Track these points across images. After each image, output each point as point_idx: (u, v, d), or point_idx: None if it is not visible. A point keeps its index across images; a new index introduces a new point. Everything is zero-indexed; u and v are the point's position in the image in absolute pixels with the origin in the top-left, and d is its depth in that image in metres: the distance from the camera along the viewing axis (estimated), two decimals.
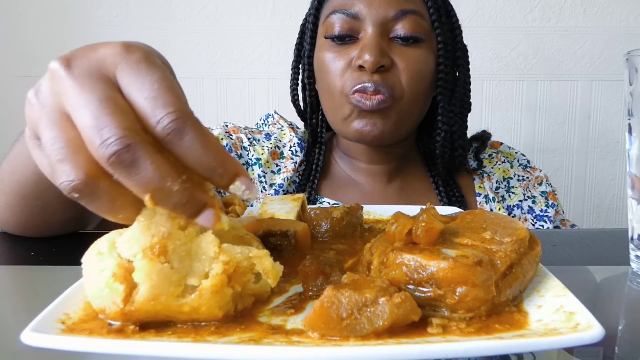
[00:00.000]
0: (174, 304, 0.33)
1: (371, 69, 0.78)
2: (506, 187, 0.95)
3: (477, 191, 0.94)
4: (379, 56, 0.77)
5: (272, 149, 0.94)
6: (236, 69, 1.61)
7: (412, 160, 0.96)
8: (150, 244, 0.33)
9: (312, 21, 0.90)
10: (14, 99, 1.71)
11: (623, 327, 0.39)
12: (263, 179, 0.92)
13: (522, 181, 0.95)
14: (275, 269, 0.36)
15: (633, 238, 0.49)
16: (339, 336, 0.31)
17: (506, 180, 0.95)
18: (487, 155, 0.99)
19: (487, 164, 0.97)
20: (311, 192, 0.90)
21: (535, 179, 0.96)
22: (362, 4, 0.81)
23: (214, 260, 0.34)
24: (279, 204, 0.55)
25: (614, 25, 1.53)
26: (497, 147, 1.01)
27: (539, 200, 0.93)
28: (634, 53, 0.47)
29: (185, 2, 1.61)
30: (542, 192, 0.94)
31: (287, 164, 0.94)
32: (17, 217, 0.63)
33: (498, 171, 0.96)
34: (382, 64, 0.78)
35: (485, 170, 0.96)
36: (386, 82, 0.79)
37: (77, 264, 0.35)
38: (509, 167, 0.97)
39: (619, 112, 1.57)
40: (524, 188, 0.95)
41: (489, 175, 0.95)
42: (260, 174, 0.92)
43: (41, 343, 0.30)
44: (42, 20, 1.66)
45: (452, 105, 0.89)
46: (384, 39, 0.80)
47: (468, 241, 0.37)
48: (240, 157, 0.93)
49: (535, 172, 0.97)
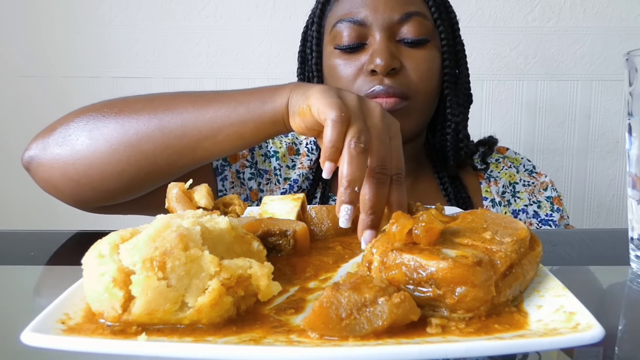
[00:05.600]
0: (172, 319, 0.33)
1: (383, 72, 0.80)
2: (512, 191, 0.97)
3: (484, 195, 0.95)
4: (389, 60, 0.80)
5: (289, 144, 0.97)
6: (236, 69, 1.61)
7: (422, 162, 0.97)
8: (152, 256, 0.33)
9: (317, 29, 0.91)
10: (14, 99, 1.71)
11: (623, 327, 0.39)
12: (278, 172, 0.94)
13: (528, 186, 0.97)
14: (270, 288, 0.36)
15: (633, 238, 0.49)
16: (338, 336, 0.31)
17: (512, 185, 0.97)
18: (493, 159, 1.01)
19: (493, 168, 0.99)
20: (325, 187, 0.92)
21: (541, 184, 0.98)
22: (367, 10, 0.83)
23: (212, 278, 0.34)
24: (279, 203, 0.55)
25: (614, 25, 1.53)
26: (504, 153, 1.03)
27: (544, 205, 0.95)
28: (634, 53, 0.47)
29: (185, 2, 1.61)
30: (548, 197, 0.96)
31: (303, 160, 0.95)
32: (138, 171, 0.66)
33: (505, 175, 0.98)
34: (393, 66, 0.81)
35: (492, 174, 0.98)
36: (398, 84, 0.82)
37: (77, 264, 0.35)
38: (515, 173, 0.98)
39: (619, 112, 1.56)
40: (530, 193, 0.96)
41: (496, 180, 0.97)
42: (276, 167, 0.94)
43: (41, 343, 0.30)
44: (43, 20, 1.66)
45: (457, 97, 0.92)
46: (391, 42, 0.83)
47: (468, 241, 0.37)
48: (260, 147, 0.94)
49: (541, 177, 0.99)
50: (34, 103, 1.70)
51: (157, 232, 0.34)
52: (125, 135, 0.66)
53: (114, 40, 1.65)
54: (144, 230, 0.35)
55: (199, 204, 0.53)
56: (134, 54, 1.66)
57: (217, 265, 0.34)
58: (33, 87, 1.69)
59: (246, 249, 0.41)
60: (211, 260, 0.34)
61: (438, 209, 0.49)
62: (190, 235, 0.35)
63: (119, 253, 0.34)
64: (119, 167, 0.66)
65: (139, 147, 0.65)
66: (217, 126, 0.63)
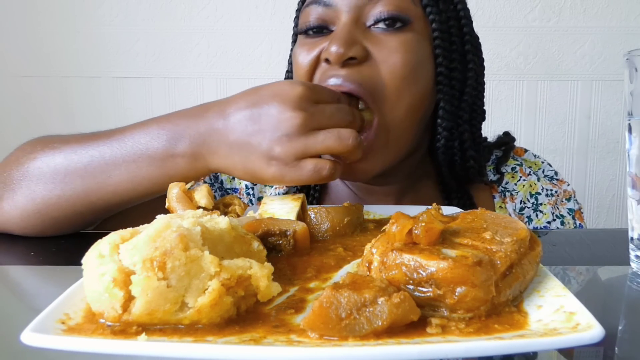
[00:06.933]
0: (172, 319, 0.33)
1: (336, 61, 0.64)
2: (534, 205, 0.83)
3: (498, 211, 0.82)
4: (344, 46, 0.64)
5: None
6: (236, 69, 1.61)
7: (426, 175, 0.81)
8: (152, 256, 0.33)
9: (295, 19, 0.81)
10: (14, 99, 1.71)
11: (623, 327, 0.39)
12: (251, 191, 0.85)
13: (551, 197, 0.83)
14: (269, 289, 0.36)
15: (633, 238, 0.49)
16: (338, 336, 0.31)
17: (534, 196, 0.83)
18: (509, 168, 0.85)
19: (509, 179, 0.84)
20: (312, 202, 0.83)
21: (564, 193, 0.84)
22: None
23: (212, 278, 0.34)
24: (279, 203, 0.55)
25: (614, 25, 1.53)
26: (522, 155, 0.88)
27: (567, 221, 0.83)
28: (634, 53, 0.47)
29: (185, 2, 1.61)
30: (570, 209, 0.83)
31: None
32: (53, 223, 0.64)
33: (522, 188, 0.83)
34: (351, 55, 0.64)
35: (508, 187, 0.84)
36: (357, 77, 0.65)
37: (77, 264, 0.35)
38: (536, 181, 0.84)
39: (619, 112, 1.57)
40: (553, 206, 0.83)
41: (512, 195, 0.83)
42: (248, 185, 0.85)
43: (41, 343, 0.30)
44: (42, 20, 1.66)
45: (459, 108, 0.75)
46: (359, 27, 0.67)
47: (468, 241, 0.37)
48: None
49: (563, 185, 0.85)
50: (34, 103, 1.70)
51: (158, 232, 0.34)
52: (32, 203, 0.63)
53: (114, 40, 1.65)
54: (144, 230, 0.35)
55: (199, 204, 0.53)
56: (134, 54, 1.66)
57: (217, 265, 0.34)
58: (33, 87, 1.69)
59: (246, 249, 0.41)
60: (211, 260, 0.34)
61: (435, 209, 0.49)
62: (190, 235, 0.35)
63: (119, 253, 0.34)
64: (35, 229, 0.64)
65: (48, 214, 0.63)
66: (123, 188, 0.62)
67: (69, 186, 0.62)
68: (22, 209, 0.63)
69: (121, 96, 1.68)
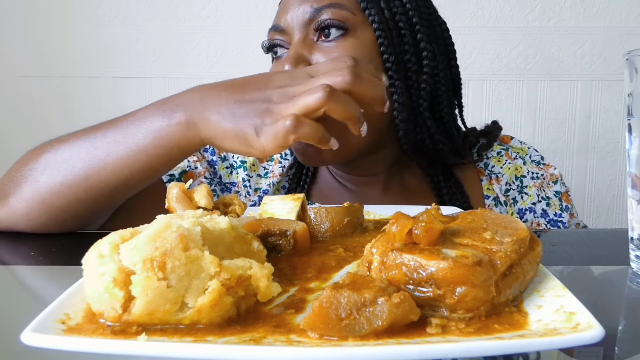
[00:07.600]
0: (172, 319, 0.33)
1: None
2: (519, 187, 0.89)
3: (486, 193, 0.88)
4: (292, 65, 0.73)
5: None
6: (236, 69, 1.61)
7: (405, 161, 0.87)
8: (152, 256, 0.33)
9: None
10: (14, 99, 1.71)
11: (623, 327, 0.39)
12: (247, 183, 0.89)
13: (537, 179, 0.89)
14: (269, 289, 0.36)
15: (633, 238, 0.49)
16: (338, 336, 0.31)
17: (519, 179, 0.89)
18: (495, 152, 0.91)
19: (495, 163, 0.90)
20: None
21: (550, 176, 0.90)
22: (284, 15, 0.77)
23: (212, 278, 0.34)
24: (279, 203, 0.55)
25: (614, 25, 1.53)
26: (508, 142, 0.94)
27: (553, 203, 0.88)
28: (634, 53, 0.47)
29: (185, 2, 1.61)
30: (556, 192, 0.89)
31: (275, 168, 0.90)
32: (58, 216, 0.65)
33: (508, 171, 0.89)
34: None
35: (494, 170, 0.90)
36: None
37: (77, 264, 0.35)
38: (522, 164, 0.90)
39: (619, 112, 1.57)
40: (538, 188, 0.88)
41: (498, 177, 0.89)
42: (244, 178, 0.89)
43: (41, 343, 0.30)
44: (42, 20, 1.66)
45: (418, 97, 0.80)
46: (306, 45, 0.75)
47: (468, 241, 0.37)
48: (224, 159, 0.91)
49: (550, 169, 0.91)
50: (34, 103, 1.70)
51: (158, 232, 0.34)
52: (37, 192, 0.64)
53: (114, 40, 1.66)
54: (144, 230, 0.35)
55: (199, 204, 0.53)
56: (134, 54, 1.66)
57: (217, 265, 0.34)
58: (33, 87, 1.69)
59: (246, 249, 0.41)
60: (211, 260, 0.34)
61: (435, 209, 0.49)
62: (190, 235, 0.35)
63: (119, 253, 0.34)
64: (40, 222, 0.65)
65: (52, 203, 0.64)
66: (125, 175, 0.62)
67: (70, 171, 0.63)
68: (27, 200, 0.64)
69: (121, 96, 1.68)
